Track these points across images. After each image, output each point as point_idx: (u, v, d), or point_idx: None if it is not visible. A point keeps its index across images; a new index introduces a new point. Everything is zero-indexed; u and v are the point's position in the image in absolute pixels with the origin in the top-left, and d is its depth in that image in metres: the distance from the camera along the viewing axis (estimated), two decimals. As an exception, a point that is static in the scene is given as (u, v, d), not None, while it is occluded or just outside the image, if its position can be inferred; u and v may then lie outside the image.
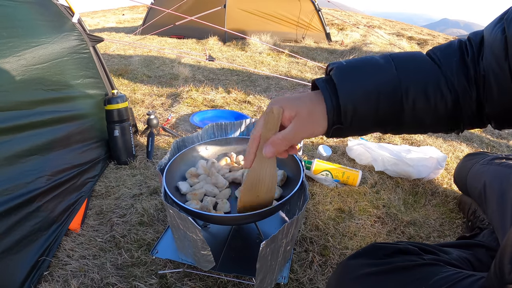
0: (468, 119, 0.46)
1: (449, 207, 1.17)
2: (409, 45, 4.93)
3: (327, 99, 0.45)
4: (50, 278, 0.83)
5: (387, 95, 0.45)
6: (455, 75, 0.44)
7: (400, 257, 0.58)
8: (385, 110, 0.45)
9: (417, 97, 0.44)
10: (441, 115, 0.46)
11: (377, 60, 0.47)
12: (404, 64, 0.46)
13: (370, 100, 0.44)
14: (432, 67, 0.45)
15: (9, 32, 1.00)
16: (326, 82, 0.46)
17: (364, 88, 0.45)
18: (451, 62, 0.45)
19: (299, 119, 0.45)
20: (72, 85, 1.23)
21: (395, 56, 0.47)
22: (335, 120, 0.45)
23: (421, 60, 0.47)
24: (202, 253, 0.68)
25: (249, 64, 3.20)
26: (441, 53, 0.46)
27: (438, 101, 0.44)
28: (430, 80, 0.45)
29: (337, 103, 0.44)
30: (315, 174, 1.28)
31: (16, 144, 0.91)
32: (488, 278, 0.48)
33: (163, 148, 1.53)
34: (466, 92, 0.44)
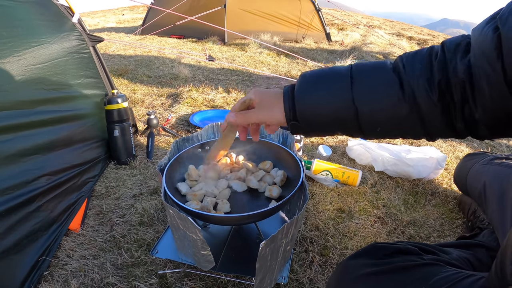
0: (433, 124, 0.45)
1: (449, 207, 1.17)
2: (409, 45, 4.93)
3: (285, 101, 0.52)
4: (50, 278, 0.83)
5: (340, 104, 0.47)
6: (416, 78, 0.44)
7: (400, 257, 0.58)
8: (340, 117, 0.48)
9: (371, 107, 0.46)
10: (398, 120, 0.46)
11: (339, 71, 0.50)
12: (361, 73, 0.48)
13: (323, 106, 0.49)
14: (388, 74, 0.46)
15: (9, 32, 1.00)
16: (290, 87, 0.53)
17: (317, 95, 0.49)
18: (414, 67, 0.45)
19: (259, 105, 0.56)
20: (72, 85, 1.23)
21: (356, 66, 0.49)
22: (291, 118, 0.51)
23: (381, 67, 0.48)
24: (202, 253, 0.68)
25: (249, 64, 3.20)
26: (407, 58, 0.47)
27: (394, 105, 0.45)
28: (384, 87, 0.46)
29: (293, 105, 0.51)
30: (315, 174, 1.28)
31: (17, 143, 0.91)
32: (489, 278, 0.48)
33: (163, 148, 1.53)
34: (426, 95, 0.43)
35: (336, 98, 0.48)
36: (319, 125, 0.51)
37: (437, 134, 0.47)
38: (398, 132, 0.49)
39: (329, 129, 0.52)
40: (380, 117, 0.47)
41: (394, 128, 0.48)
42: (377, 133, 0.50)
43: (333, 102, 0.48)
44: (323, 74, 0.50)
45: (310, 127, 0.51)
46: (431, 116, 0.44)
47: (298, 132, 0.54)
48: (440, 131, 0.46)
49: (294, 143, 0.97)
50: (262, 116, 0.55)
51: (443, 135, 0.47)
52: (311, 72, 0.52)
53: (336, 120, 0.49)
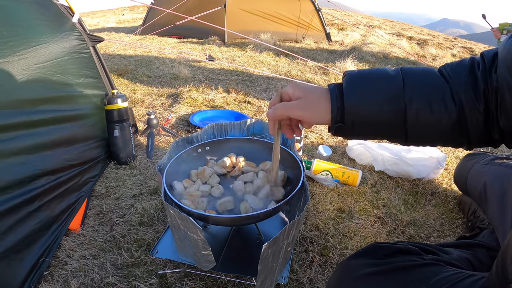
0: (475, 133, 0.46)
1: (449, 207, 1.17)
2: (409, 45, 4.93)
3: (333, 99, 0.49)
4: (50, 278, 0.83)
5: (390, 104, 0.47)
6: (463, 87, 0.45)
7: (401, 257, 0.58)
8: (388, 119, 0.47)
9: (421, 108, 0.46)
10: (445, 127, 0.46)
11: (387, 71, 0.49)
12: (411, 76, 0.48)
13: (373, 106, 0.47)
14: (439, 80, 0.47)
15: (9, 32, 1.00)
16: (336, 85, 0.51)
17: (368, 94, 0.48)
18: (460, 76, 0.46)
19: (303, 100, 0.52)
20: (73, 85, 1.23)
21: (405, 69, 0.49)
22: (338, 119, 0.49)
23: (429, 74, 0.48)
24: (203, 253, 0.68)
25: (249, 64, 3.20)
26: (451, 68, 0.48)
27: (442, 112, 0.45)
28: (435, 92, 0.46)
29: (342, 105, 0.48)
30: (315, 174, 1.28)
31: (17, 142, 0.91)
32: (489, 278, 0.48)
33: (163, 148, 1.53)
34: (473, 104, 0.45)
35: (386, 98, 0.47)
36: (365, 127, 0.49)
37: (477, 143, 0.48)
38: (442, 139, 0.49)
39: (373, 132, 0.51)
40: (428, 123, 0.46)
41: (438, 135, 0.48)
42: (420, 139, 0.49)
43: (383, 102, 0.47)
44: (372, 74, 0.49)
45: (354, 129, 0.50)
46: (475, 124, 0.45)
47: (339, 134, 0.51)
48: (480, 140, 0.47)
49: (295, 143, 0.97)
50: (305, 114, 0.51)
51: (481, 144, 0.48)
52: (358, 72, 0.51)
53: (383, 122, 0.48)
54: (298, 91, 0.53)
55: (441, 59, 4.18)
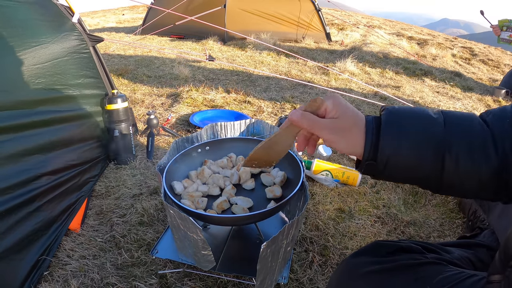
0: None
1: (449, 207, 1.17)
2: (409, 45, 4.93)
3: (368, 132, 0.45)
4: (50, 278, 0.83)
5: (429, 147, 0.43)
6: (507, 134, 0.42)
7: (403, 256, 0.58)
8: (424, 163, 0.44)
9: (461, 155, 0.43)
10: (484, 178, 0.43)
11: (428, 112, 0.46)
12: (453, 120, 0.45)
13: (410, 147, 0.44)
14: (481, 128, 0.44)
15: (9, 32, 1.00)
16: (374, 118, 0.47)
17: (407, 134, 0.44)
18: (503, 124, 0.43)
19: (337, 122, 0.46)
20: (73, 85, 1.23)
21: (446, 112, 0.46)
22: (370, 156, 0.45)
23: (471, 119, 0.45)
24: (203, 253, 0.68)
25: (249, 64, 3.20)
26: (493, 115, 0.45)
27: (482, 161, 0.42)
28: (476, 139, 0.43)
29: (377, 140, 0.45)
30: (315, 174, 1.28)
31: (17, 143, 0.91)
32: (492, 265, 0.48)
33: (163, 148, 1.53)
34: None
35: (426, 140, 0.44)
36: (398, 169, 0.45)
37: None
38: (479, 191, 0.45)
39: (406, 176, 0.46)
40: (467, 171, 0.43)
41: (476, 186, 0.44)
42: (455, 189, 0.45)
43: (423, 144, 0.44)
44: (414, 113, 0.46)
45: (386, 170, 0.45)
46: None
47: (368, 173, 0.47)
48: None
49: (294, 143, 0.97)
50: (334, 138, 0.46)
51: None
52: (398, 108, 0.47)
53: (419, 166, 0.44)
54: (336, 109, 0.47)
55: (441, 59, 4.18)
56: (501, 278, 0.45)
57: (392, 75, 3.19)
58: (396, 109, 0.47)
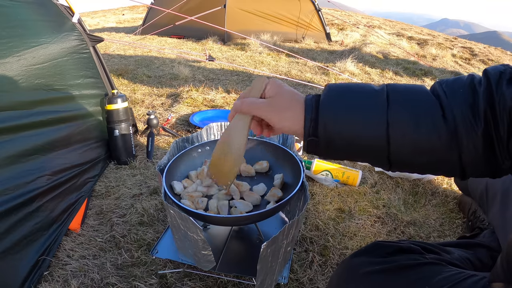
0: (471, 160, 0.40)
1: (449, 207, 1.17)
2: (409, 45, 4.93)
3: (307, 110, 0.44)
4: (50, 278, 0.83)
5: (372, 120, 0.42)
6: (458, 105, 0.40)
7: (403, 256, 0.58)
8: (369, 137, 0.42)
9: (406, 127, 0.41)
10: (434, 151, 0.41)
11: (371, 86, 0.45)
12: (397, 92, 0.43)
13: (352, 121, 0.42)
14: (429, 97, 0.42)
15: (9, 32, 1.00)
16: (314, 96, 0.46)
17: (347, 108, 0.43)
18: (456, 93, 0.41)
19: (272, 101, 0.47)
20: (72, 85, 1.23)
21: (391, 84, 0.44)
22: (311, 132, 0.44)
23: (418, 90, 0.43)
24: (203, 253, 0.68)
25: (249, 64, 3.20)
26: (447, 84, 0.42)
27: (431, 132, 0.40)
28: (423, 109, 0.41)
29: (316, 116, 0.43)
30: (315, 174, 1.28)
31: (17, 144, 0.91)
32: (493, 272, 0.48)
33: (163, 148, 1.53)
34: (470, 125, 0.39)
35: (368, 113, 0.42)
36: (341, 149, 0.44)
37: (473, 172, 0.42)
38: (431, 165, 0.43)
39: (353, 153, 0.45)
40: (413, 149, 0.41)
41: (427, 159, 0.42)
42: (405, 167, 0.44)
43: (364, 118, 0.42)
44: (355, 90, 0.44)
45: (330, 147, 0.44)
46: (472, 150, 0.39)
47: (313, 151, 0.46)
48: (478, 168, 0.41)
49: (294, 143, 0.97)
50: (270, 115, 0.47)
51: (478, 174, 0.42)
52: (340, 84, 0.46)
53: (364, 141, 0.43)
54: (273, 89, 0.48)
55: (441, 59, 4.18)
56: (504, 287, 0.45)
57: (392, 75, 3.19)
58: (337, 84, 0.46)
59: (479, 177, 0.43)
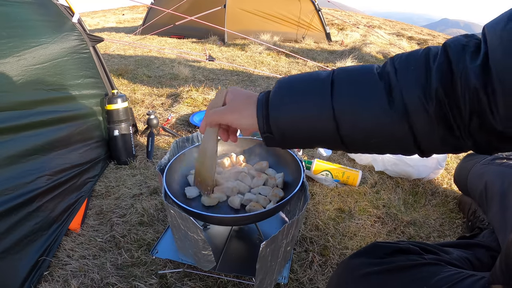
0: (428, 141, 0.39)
1: (449, 207, 1.17)
2: (409, 45, 4.93)
3: (259, 108, 0.46)
4: (50, 278, 0.83)
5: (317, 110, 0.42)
6: (408, 85, 0.38)
7: (402, 257, 0.58)
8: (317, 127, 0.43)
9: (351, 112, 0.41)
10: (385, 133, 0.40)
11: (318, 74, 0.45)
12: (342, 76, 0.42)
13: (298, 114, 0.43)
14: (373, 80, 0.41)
15: (9, 32, 1.00)
16: (265, 93, 0.48)
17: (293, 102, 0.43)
18: (408, 71, 0.39)
19: (230, 105, 0.50)
20: (72, 85, 1.23)
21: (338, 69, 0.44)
22: (265, 129, 0.46)
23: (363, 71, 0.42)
24: (203, 253, 0.68)
25: (249, 64, 3.20)
26: (400, 61, 0.41)
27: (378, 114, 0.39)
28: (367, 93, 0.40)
29: (267, 113, 0.45)
30: (315, 174, 1.28)
31: (16, 144, 0.91)
32: (492, 273, 0.48)
33: (163, 148, 1.53)
34: (421, 105, 0.37)
35: (314, 108, 0.42)
36: (296, 140, 0.45)
37: (431, 150, 0.42)
38: (386, 148, 0.43)
39: (307, 143, 0.46)
40: (363, 131, 0.41)
41: (380, 144, 0.42)
42: (361, 149, 0.44)
43: (311, 113, 0.42)
44: (302, 80, 0.45)
45: (285, 141, 0.46)
46: (425, 129, 0.38)
47: (272, 145, 0.48)
48: (435, 146, 0.40)
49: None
50: (229, 118, 0.49)
51: (438, 151, 0.41)
52: (289, 78, 0.46)
53: (315, 133, 0.43)
54: (231, 95, 0.51)
55: (441, 59, 4.18)
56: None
57: (392, 75, 3.19)
58: (287, 78, 0.47)
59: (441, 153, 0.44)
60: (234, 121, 0.49)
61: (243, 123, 0.48)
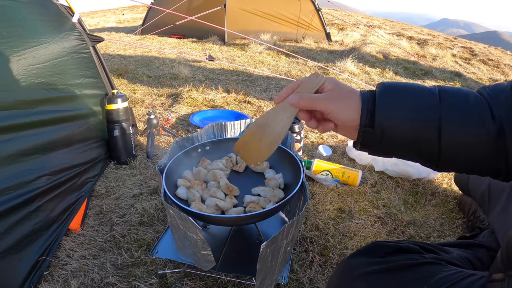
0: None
1: (449, 207, 1.17)
2: (409, 45, 4.93)
3: (364, 101, 0.46)
4: (50, 278, 0.83)
5: (425, 117, 0.44)
6: (503, 105, 0.42)
7: (402, 256, 0.58)
8: (421, 132, 0.44)
9: (457, 125, 0.43)
10: (482, 150, 0.43)
11: (422, 86, 0.47)
12: (449, 93, 0.45)
13: (406, 116, 0.44)
14: (477, 98, 0.44)
15: (9, 32, 1.00)
16: (368, 91, 0.48)
17: (402, 103, 0.45)
18: (500, 95, 0.43)
19: (332, 93, 0.49)
20: (72, 85, 1.23)
21: (442, 86, 0.47)
22: (367, 123, 0.45)
23: (467, 92, 0.45)
24: (203, 253, 0.68)
25: (249, 64, 3.20)
26: (490, 89, 0.45)
27: (480, 131, 0.42)
28: (473, 109, 0.43)
29: (373, 108, 0.45)
30: (315, 174, 1.28)
31: (17, 143, 0.91)
32: (493, 265, 0.48)
33: (163, 148, 1.53)
34: None
35: (421, 109, 0.44)
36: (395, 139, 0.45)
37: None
38: (478, 164, 0.45)
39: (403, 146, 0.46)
40: (464, 143, 0.43)
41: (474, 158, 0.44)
42: (454, 163, 0.45)
43: (418, 113, 0.44)
44: (408, 85, 0.47)
45: (383, 139, 0.45)
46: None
47: (366, 145, 0.47)
48: None
49: (294, 143, 0.97)
50: (332, 105, 0.47)
51: None
52: (392, 82, 0.48)
53: (416, 135, 0.44)
54: (331, 83, 0.50)
55: (441, 59, 4.18)
56: (503, 277, 0.45)
57: (392, 75, 3.19)
58: (390, 82, 0.48)
59: None
60: (333, 111, 0.47)
61: (343, 114, 0.47)
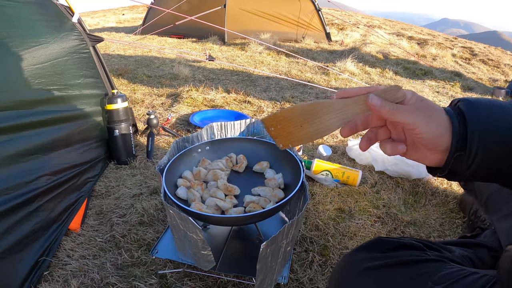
0: None
1: (449, 207, 1.17)
2: (409, 45, 4.93)
3: (453, 119, 0.40)
4: (50, 278, 0.83)
5: None
6: None
7: (405, 252, 0.58)
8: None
9: None
10: None
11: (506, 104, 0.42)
12: None
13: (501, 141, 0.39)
14: None
15: (9, 32, 1.00)
16: (452, 107, 0.43)
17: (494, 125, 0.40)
18: None
19: (420, 103, 0.43)
20: (72, 85, 1.23)
21: None
22: (459, 146, 0.40)
23: None
24: (203, 253, 0.68)
25: (249, 64, 3.20)
26: None
27: None
28: None
29: (464, 126, 0.40)
30: (315, 174, 1.28)
31: (17, 143, 0.91)
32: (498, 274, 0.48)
33: (163, 148, 1.53)
34: None
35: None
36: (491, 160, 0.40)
37: None
38: None
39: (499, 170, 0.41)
40: None
41: None
42: None
43: None
44: (492, 101, 0.42)
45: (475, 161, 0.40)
46: None
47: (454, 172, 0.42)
48: None
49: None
50: (417, 117, 0.41)
51: None
52: (475, 98, 0.43)
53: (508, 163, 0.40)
54: (415, 96, 0.44)
55: (441, 58, 4.18)
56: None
57: (392, 75, 3.19)
58: (474, 98, 0.43)
59: None
60: (415, 123, 0.41)
61: (428, 128, 0.41)
